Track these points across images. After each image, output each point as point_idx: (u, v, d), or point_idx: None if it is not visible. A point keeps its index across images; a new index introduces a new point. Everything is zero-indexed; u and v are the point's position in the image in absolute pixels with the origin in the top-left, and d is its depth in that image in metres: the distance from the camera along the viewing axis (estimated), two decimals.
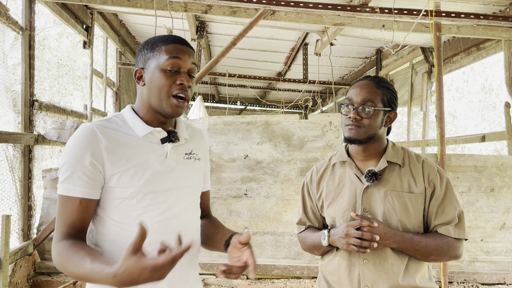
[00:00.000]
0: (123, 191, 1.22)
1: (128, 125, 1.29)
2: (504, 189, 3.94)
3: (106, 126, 1.25)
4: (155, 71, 1.26)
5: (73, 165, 1.18)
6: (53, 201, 3.99)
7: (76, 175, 1.17)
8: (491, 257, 3.94)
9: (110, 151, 1.20)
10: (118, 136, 1.24)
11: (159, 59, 1.26)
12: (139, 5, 4.12)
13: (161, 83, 1.25)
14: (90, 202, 1.20)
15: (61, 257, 1.13)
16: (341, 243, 1.48)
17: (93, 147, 1.19)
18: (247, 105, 12.44)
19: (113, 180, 1.21)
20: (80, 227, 1.20)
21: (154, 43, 1.30)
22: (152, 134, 1.29)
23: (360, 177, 1.59)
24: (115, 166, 1.21)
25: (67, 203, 1.19)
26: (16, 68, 3.81)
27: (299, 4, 3.88)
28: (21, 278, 3.60)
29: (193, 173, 1.39)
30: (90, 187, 1.19)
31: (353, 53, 7.08)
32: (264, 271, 3.85)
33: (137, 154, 1.25)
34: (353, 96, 1.56)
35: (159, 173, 1.26)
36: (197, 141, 1.45)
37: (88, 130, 1.21)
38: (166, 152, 1.30)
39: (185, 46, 1.31)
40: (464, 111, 15.87)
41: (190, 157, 1.39)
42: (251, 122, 4.11)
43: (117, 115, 1.33)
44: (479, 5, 4.48)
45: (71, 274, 1.11)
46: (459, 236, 1.49)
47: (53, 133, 4.12)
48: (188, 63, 1.28)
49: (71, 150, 1.19)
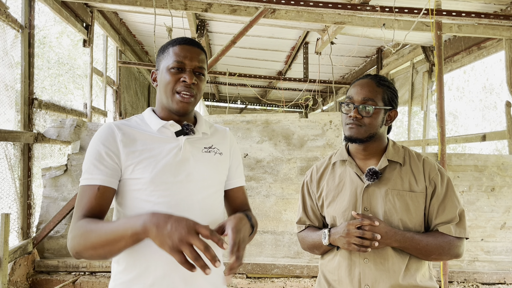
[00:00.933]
0: (136, 183, 1.28)
1: (145, 123, 1.39)
2: (504, 188, 3.93)
3: (124, 123, 1.36)
4: (163, 71, 1.35)
5: (92, 157, 1.27)
6: (53, 200, 3.98)
7: (94, 166, 1.26)
8: (491, 256, 3.93)
9: (125, 144, 1.29)
10: (133, 131, 1.33)
11: (167, 60, 1.35)
12: (139, 3, 4.11)
13: (166, 81, 1.33)
14: (108, 190, 1.26)
15: (81, 230, 1.16)
16: (342, 242, 1.48)
17: (109, 140, 1.28)
18: (247, 104, 12.43)
19: (128, 171, 1.28)
20: (98, 213, 1.23)
21: (165, 46, 1.39)
22: (166, 127, 1.36)
23: (360, 176, 1.58)
24: (129, 158, 1.28)
25: (86, 191, 1.24)
26: (16, 66, 3.79)
27: (300, 2, 3.87)
28: (20, 276, 3.60)
29: (211, 166, 1.40)
30: (107, 176, 1.25)
31: (354, 52, 7.07)
32: (264, 270, 3.85)
33: (151, 147, 1.31)
34: (354, 95, 1.55)
35: (171, 165, 1.31)
36: (219, 138, 1.49)
37: (106, 127, 1.33)
38: (181, 144, 1.35)
39: (192, 46, 1.37)
40: (464, 110, 15.86)
41: (209, 151, 1.42)
42: (251, 121, 4.10)
43: (137, 116, 1.44)
44: (480, 3, 4.47)
45: (94, 243, 1.13)
46: (460, 235, 1.48)
47: (53, 132, 4.11)
48: (193, 61, 1.34)
49: (91, 145, 1.30)
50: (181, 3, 4.09)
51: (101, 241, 1.12)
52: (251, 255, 3.94)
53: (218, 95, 11.81)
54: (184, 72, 1.33)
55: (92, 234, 1.13)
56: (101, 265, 3.83)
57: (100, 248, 1.13)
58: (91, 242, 1.13)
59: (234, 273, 1.15)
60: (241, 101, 11.80)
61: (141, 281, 1.26)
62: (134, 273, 1.27)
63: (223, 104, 12.10)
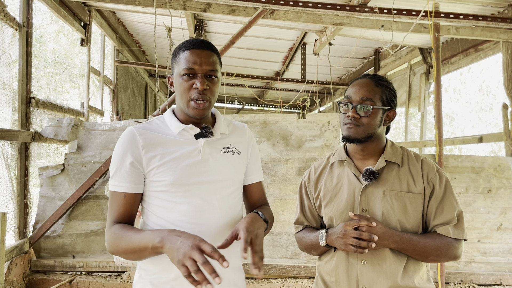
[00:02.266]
0: (159, 185, 1.35)
1: (166, 125, 1.44)
2: (501, 190, 3.95)
3: (146, 128, 1.41)
4: (176, 78, 1.39)
5: (116, 164, 1.36)
6: (49, 199, 3.97)
7: (119, 173, 1.35)
8: (487, 258, 3.94)
9: (147, 149, 1.35)
10: (154, 136, 1.38)
11: (179, 66, 1.37)
12: (137, 3, 4.10)
13: (181, 88, 1.37)
14: (133, 196, 1.36)
15: (114, 236, 1.29)
16: (339, 243, 1.47)
17: (132, 147, 1.35)
18: (244, 104, 12.42)
19: (151, 174, 1.35)
20: (127, 217, 1.36)
21: (176, 51, 1.41)
22: (186, 130, 1.41)
23: (358, 177, 1.57)
24: (151, 162, 1.35)
25: (114, 197, 1.36)
26: (14, 65, 3.78)
27: (298, 3, 3.87)
28: (16, 276, 3.58)
29: (230, 166, 1.46)
30: (131, 183, 1.35)
31: (352, 53, 7.08)
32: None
33: (172, 151, 1.37)
34: (352, 95, 1.54)
35: (192, 166, 1.37)
36: (237, 136, 1.54)
37: (128, 133, 1.38)
38: (200, 147, 1.40)
39: (202, 49, 1.37)
40: (461, 112, 15.91)
41: (228, 151, 1.47)
42: (249, 121, 4.10)
43: (159, 118, 1.48)
44: (477, 6, 4.49)
45: (125, 249, 1.27)
46: (458, 237, 1.47)
47: (50, 131, 4.10)
48: (204, 66, 1.35)
49: (115, 151, 1.38)
50: (180, 3, 4.08)
51: (129, 249, 1.26)
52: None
53: None
54: (195, 77, 1.35)
55: (122, 242, 1.27)
56: (98, 265, 3.82)
57: (130, 254, 1.28)
58: (122, 249, 1.28)
59: (260, 268, 1.22)
60: (238, 102, 11.79)
61: (165, 275, 1.35)
62: (159, 267, 1.36)
63: (221, 104, 12.08)
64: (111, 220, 1.35)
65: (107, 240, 1.34)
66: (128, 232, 1.28)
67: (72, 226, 3.95)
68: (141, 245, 1.23)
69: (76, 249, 3.94)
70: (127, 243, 1.26)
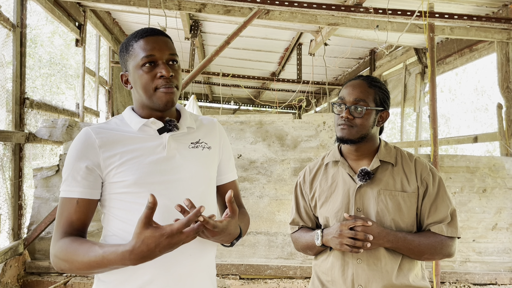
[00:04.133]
0: (120, 186, 1.22)
1: (125, 123, 1.31)
2: (496, 189, 3.96)
3: (103, 127, 1.27)
4: (134, 72, 1.26)
5: (69, 168, 1.22)
6: (44, 201, 3.95)
7: (72, 177, 1.21)
8: (483, 257, 3.96)
9: (104, 149, 1.22)
10: (112, 134, 1.25)
11: (135, 58, 1.25)
12: (132, 3, 4.09)
13: (142, 81, 1.24)
14: (88, 202, 1.22)
15: (65, 252, 1.14)
16: (335, 243, 1.48)
17: (87, 148, 1.22)
18: (240, 105, 12.42)
19: (110, 176, 1.22)
20: (79, 226, 1.21)
21: (128, 44, 1.28)
22: (147, 125, 1.28)
23: (353, 177, 1.58)
24: (110, 162, 1.22)
25: (65, 204, 1.21)
26: (8, 65, 3.76)
27: (293, 3, 3.87)
28: (11, 278, 3.56)
29: (200, 162, 1.33)
30: (86, 187, 1.21)
31: (347, 54, 7.10)
32: (257, 271, 3.84)
33: (132, 148, 1.24)
34: (346, 96, 1.56)
35: (156, 164, 1.24)
36: (207, 130, 1.41)
37: (83, 133, 1.25)
38: (165, 142, 1.28)
39: (156, 35, 1.26)
40: (456, 112, 15.98)
41: (197, 146, 1.35)
42: (245, 121, 4.09)
43: (117, 117, 1.35)
44: (472, 6, 4.51)
45: (80, 265, 1.11)
46: (451, 235, 1.49)
47: (45, 132, 4.08)
48: (164, 51, 1.25)
49: (69, 154, 1.24)
50: (175, 3, 4.08)
51: (88, 262, 1.10)
52: (244, 256, 3.93)
53: (212, 95, 11.79)
54: (157, 66, 1.24)
55: (77, 256, 1.12)
56: None
57: (86, 271, 1.13)
58: (78, 262, 1.12)
59: None
60: (234, 102, 11.78)
61: (128, 285, 1.22)
62: (122, 276, 1.22)
63: (217, 105, 12.07)
64: (60, 231, 1.19)
65: (53, 254, 1.17)
66: (83, 247, 1.13)
67: None
68: (102, 262, 1.08)
69: None
70: (83, 262, 1.11)
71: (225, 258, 3.90)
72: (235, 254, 3.92)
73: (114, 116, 1.37)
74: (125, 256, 1.04)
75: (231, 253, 3.92)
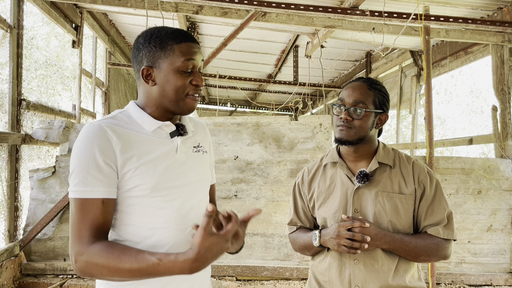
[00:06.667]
0: (136, 189, 1.18)
1: (135, 121, 1.25)
2: (491, 191, 3.99)
3: (114, 123, 1.19)
4: (169, 73, 1.21)
5: (86, 165, 1.12)
6: (40, 202, 3.93)
7: (92, 176, 1.12)
8: (478, 258, 3.98)
9: (122, 149, 1.16)
10: (126, 133, 1.19)
11: (173, 60, 1.21)
12: (129, 5, 4.09)
13: (177, 85, 1.21)
14: (111, 202, 1.16)
15: (105, 258, 1.06)
16: (332, 244, 1.49)
17: (104, 144, 1.13)
18: (237, 106, 12.43)
19: (126, 178, 1.17)
20: (107, 229, 1.15)
21: (164, 40, 1.22)
22: (161, 128, 1.26)
23: (351, 178, 1.59)
24: (127, 164, 1.16)
25: (88, 205, 1.11)
26: (4, 67, 3.75)
27: (290, 6, 3.89)
28: (7, 279, 3.54)
29: (202, 166, 1.35)
30: (109, 186, 1.14)
31: (343, 56, 7.13)
32: (254, 273, 3.85)
33: (148, 151, 1.20)
34: (345, 97, 1.57)
35: (170, 168, 1.23)
36: (201, 134, 1.42)
37: (97, 128, 1.15)
38: (176, 146, 1.27)
39: (195, 43, 1.26)
40: (452, 114, 16.06)
41: (198, 150, 1.36)
42: (241, 123, 4.10)
43: (122, 112, 1.27)
44: (467, 9, 4.54)
45: (125, 272, 1.05)
46: (448, 237, 1.51)
47: (41, 133, 4.07)
48: (199, 61, 1.26)
49: (81, 150, 1.13)
50: (172, 5, 4.08)
51: (135, 273, 1.06)
52: (240, 258, 3.94)
53: (208, 97, 11.80)
54: (192, 73, 1.24)
55: (123, 266, 1.05)
56: None
57: (129, 278, 1.08)
58: (120, 274, 1.06)
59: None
60: (231, 104, 11.79)
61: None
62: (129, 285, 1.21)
63: (213, 106, 12.08)
64: (87, 236, 1.10)
65: (88, 262, 1.08)
66: (127, 250, 1.08)
67: (63, 229, 3.92)
68: (157, 269, 1.04)
69: (67, 252, 3.91)
70: (133, 264, 1.05)
71: (222, 260, 3.90)
72: (232, 255, 3.92)
73: (117, 111, 1.29)
74: (186, 264, 1.02)
75: (227, 254, 3.92)
